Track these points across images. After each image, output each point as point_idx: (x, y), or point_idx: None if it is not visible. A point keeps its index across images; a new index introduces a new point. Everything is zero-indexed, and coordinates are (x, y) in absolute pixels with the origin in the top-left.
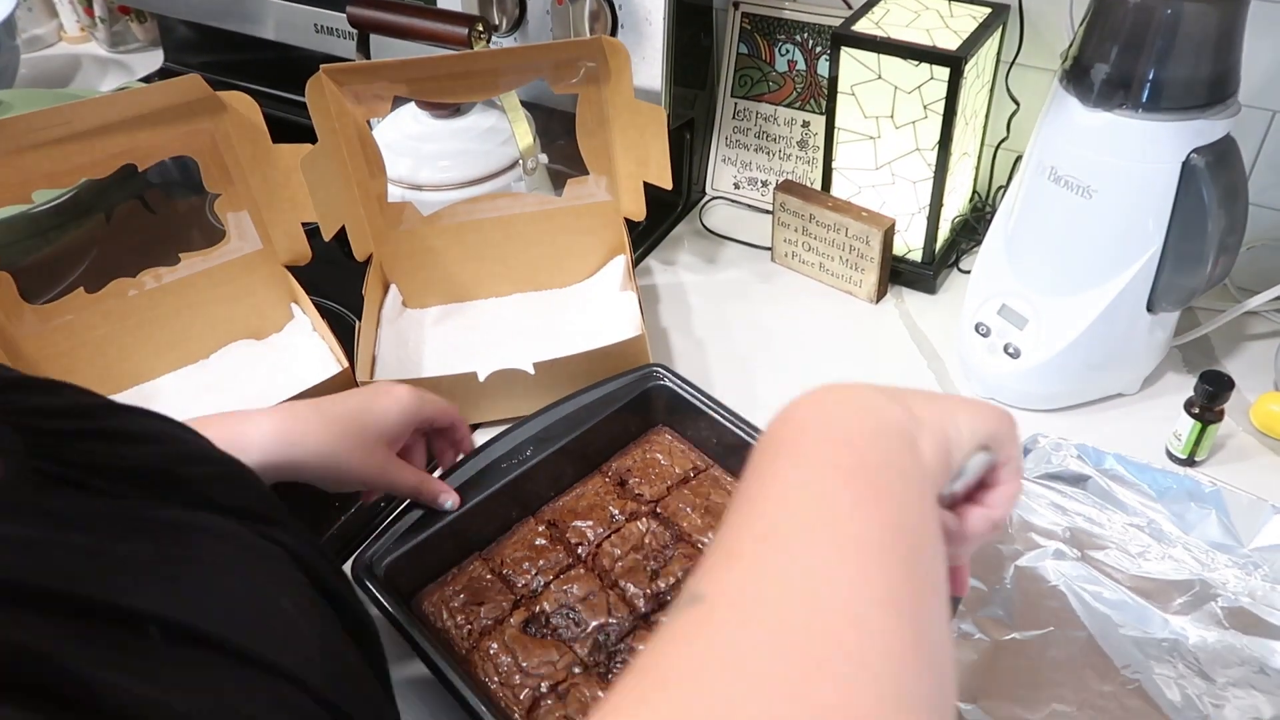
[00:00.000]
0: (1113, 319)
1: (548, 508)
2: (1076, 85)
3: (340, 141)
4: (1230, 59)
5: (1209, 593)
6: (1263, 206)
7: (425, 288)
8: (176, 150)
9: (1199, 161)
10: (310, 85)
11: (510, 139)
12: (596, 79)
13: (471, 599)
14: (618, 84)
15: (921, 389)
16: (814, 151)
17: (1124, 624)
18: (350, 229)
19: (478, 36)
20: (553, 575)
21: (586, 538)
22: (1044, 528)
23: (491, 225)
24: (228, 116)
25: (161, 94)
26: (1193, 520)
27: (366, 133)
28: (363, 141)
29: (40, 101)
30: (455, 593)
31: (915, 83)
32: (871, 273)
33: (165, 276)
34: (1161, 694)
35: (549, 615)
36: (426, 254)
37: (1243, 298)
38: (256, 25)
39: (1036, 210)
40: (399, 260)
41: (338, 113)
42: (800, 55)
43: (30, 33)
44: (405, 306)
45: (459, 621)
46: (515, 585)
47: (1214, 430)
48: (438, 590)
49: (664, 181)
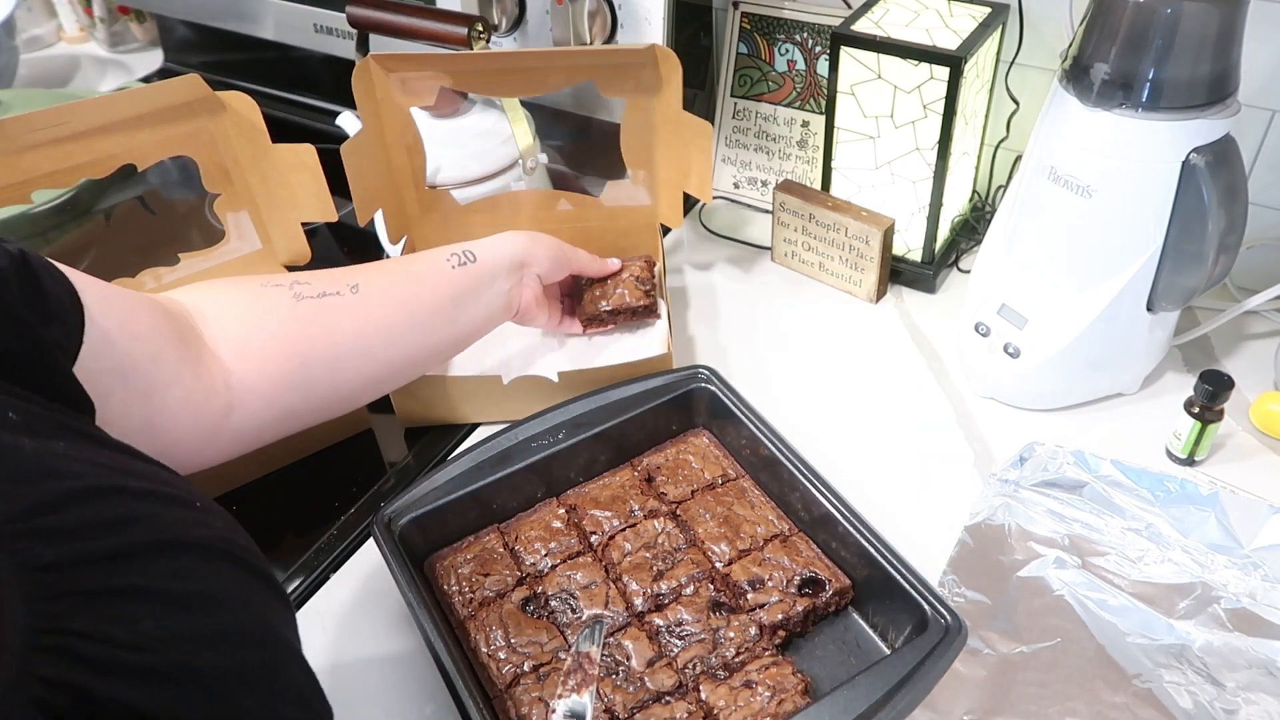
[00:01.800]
0: (1112, 318)
1: (572, 492)
2: (1076, 85)
3: (382, 128)
4: (1230, 58)
5: (1210, 595)
6: (1262, 206)
7: None
8: (176, 150)
9: (1199, 161)
10: (357, 71)
11: (510, 139)
12: (646, 87)
13: (479, 568)
14: (667, 93)
15: None
16: (814, 151)
17: (1130, 631)
18: (387, 213)
19: (477, 36)
20: (561, 559)
21: (602, 528)
22: (1044, 536)
23: (528, 220)
24: (227, 116)
25: (161, 94)
26: (1192, 523)
27: (410, 120)
28: (405, 128)
29: (39, 102)
30: (466, 560)
31: (915, 82)
32: (871, 272)
33: (165, 277)
34: (1174, 702)
35: (549, 597)
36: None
37: (1243, 297)
38: (256, 25)
39: (1036, 210)
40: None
41: (383, 99)
42: (800, 55)
43: (29, 33)
44: None
45: (463, 588)
46: (524, 562)
47: (1214, 430)
48: (450, 554)
49: (705, 195)
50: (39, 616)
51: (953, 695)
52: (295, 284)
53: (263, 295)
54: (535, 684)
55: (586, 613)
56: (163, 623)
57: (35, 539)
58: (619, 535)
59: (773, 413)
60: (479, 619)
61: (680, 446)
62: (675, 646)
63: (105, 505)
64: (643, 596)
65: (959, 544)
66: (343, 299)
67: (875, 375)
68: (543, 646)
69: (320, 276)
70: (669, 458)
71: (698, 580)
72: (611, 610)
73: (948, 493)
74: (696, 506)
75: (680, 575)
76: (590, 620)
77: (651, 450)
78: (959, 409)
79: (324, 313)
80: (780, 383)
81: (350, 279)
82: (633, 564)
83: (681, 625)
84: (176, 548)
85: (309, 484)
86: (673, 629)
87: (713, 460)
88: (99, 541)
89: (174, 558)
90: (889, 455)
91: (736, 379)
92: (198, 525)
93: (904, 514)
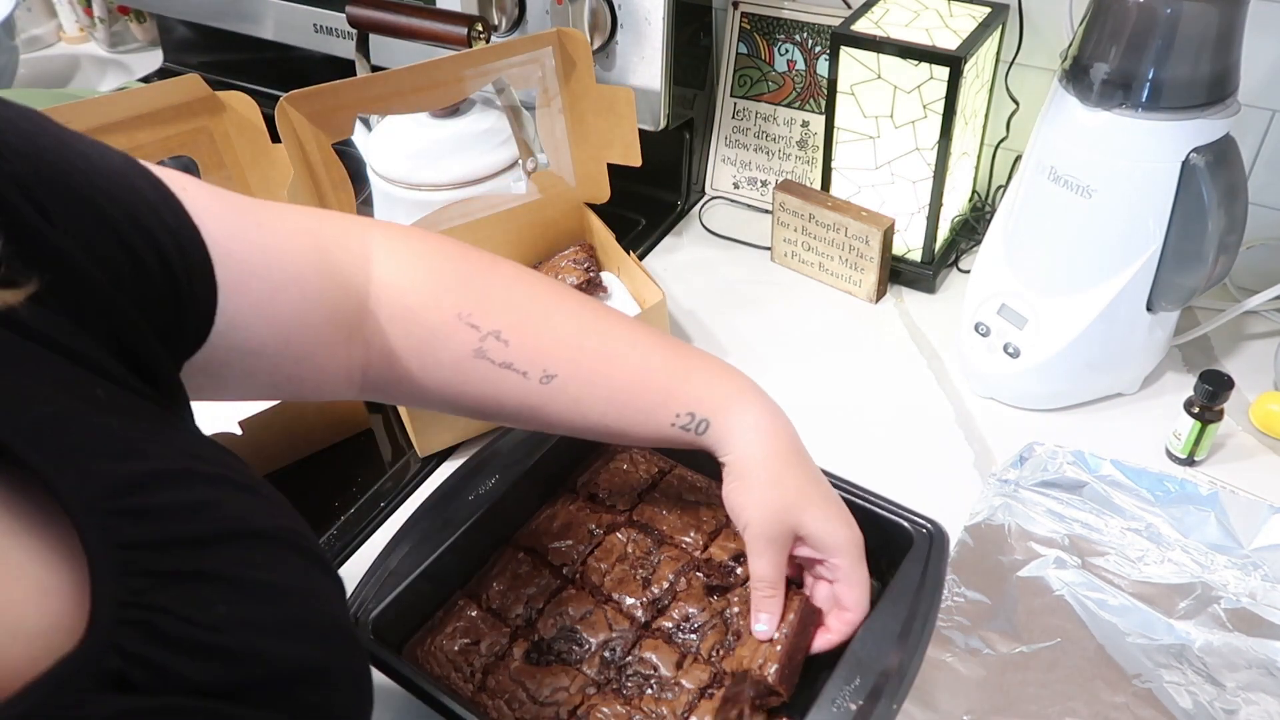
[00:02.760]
0: (1112, 318)
1: (521, 533)
2: (1076, 85)
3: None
4: (1230, 58)
5: (1210, 595)
6: (1262, 206)
7: None
8: (175, 150)
9: (1199, 161)
10: (278, 115)
11: (509, 139)
12: (557, 72)
13: (467, 640)
14: (578, 73)
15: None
16: (813, 151)
17: (1130, 632)
18: None
19: (477, 36)
20: (544, 600)
21: (569, 557)
22: (1043, 536)
23: (463, 230)
24: (226, 116)
25: (160, 94)
26: (1191, 523)
27: (332, 156)
28: (331, 166)
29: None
30: (448, 636)
31: (915, 82)
32: (871, 272)
33: None
34: (1174, 702)
35: (549, 641)
36: None
37: (1242, 297)
38: (256, 25)
39: (1036, 210)
40: None
41: (304, 139)
42: (800, 55)
43: (29, 33)
44: None
45: (459, 665)
46: (508, 617)
47: (1214, 430)
48: (429, 638)
49: (633, 160)
50: (127, 591)
51: (953, 695)
52: (493, 338)
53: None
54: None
55: (594, 642)
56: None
57: (124, 517)
58: (590, 559)
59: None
60: (490, 688)
61: (606, 458)
62: (693, 642)
63: (182, 489)
64: (641, 606)
65: (959, 544)
66: (525, 383)
67: (875, 375)
68: (569, 690)
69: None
70: (601, 471)
71: (684, 573)
72: (617, 630)
73: (947, 493)
74: (649, 507)
75: (667, 574)
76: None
77: (580, 470)
78: (959, 409)
79: (493, 384)
80: (780, 382)
81: (551, 365)
82: (616, 580)
83: (689, 619)
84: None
85: (309, 484)
86: (683, 626)
87: (642, 461)
88: (179, 524)
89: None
90: (888, 455)
91: None
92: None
93: None
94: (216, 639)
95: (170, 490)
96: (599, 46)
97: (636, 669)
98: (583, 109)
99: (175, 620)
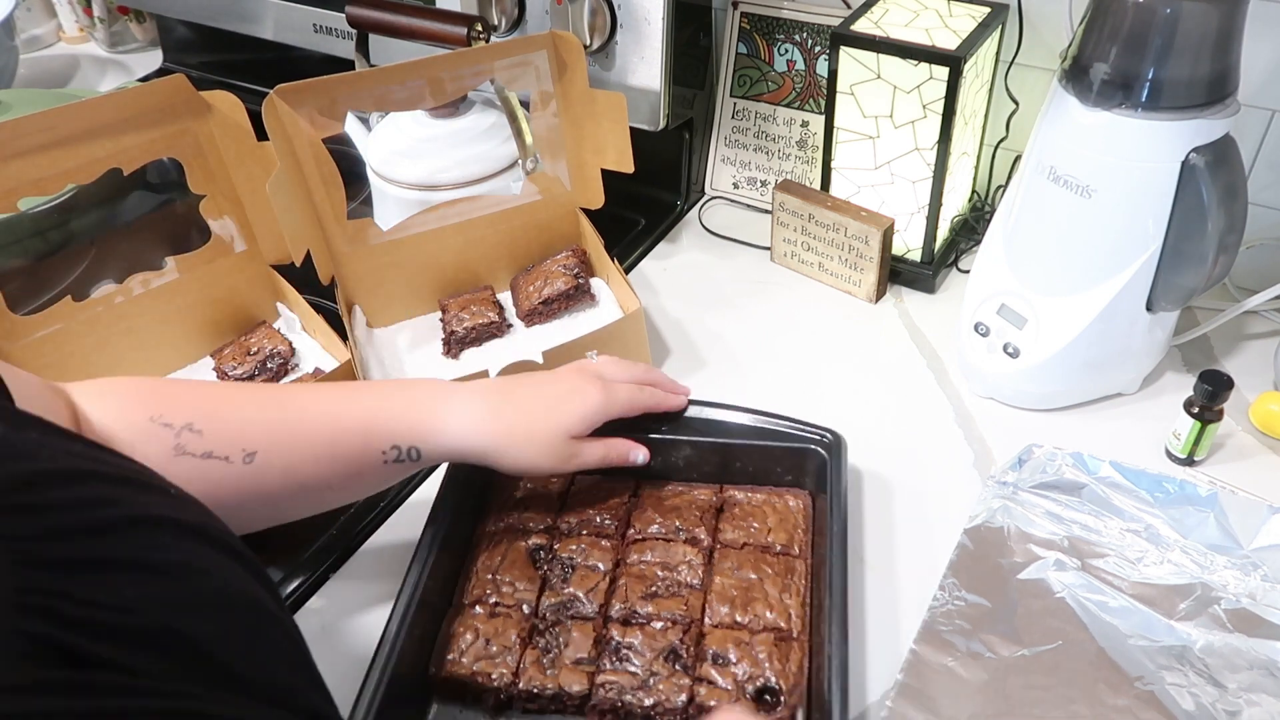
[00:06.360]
0: (1112, 318)
1: (649, 483)
2: (1076, 85)
3: (298, 164)
4: (1229, 58)
5: (1210, 596)
6: (1262, 206)
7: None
8: (161, 152)
9: (1198, 161)
10: (265, 109)
11: (509, 139)
12: (550, 74)
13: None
14: (572, 76)
15: None
16: (813, 151)
17: (1131, 633)
18: (315, 251)
19: (477, 36)
20: (590, 530)
21: (646, 528)
22: (1043, 538)
23: (452, 231)
24: (212, 116)
25: (145, 95)
26: (1191, 524)
27: (323, 152)
28: (321, 161)
29: (39, 102)
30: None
31: (914, 82)
32: (871, 272)
33: (153, 281)
34: (1176, 704)
35: (555, 555)
36: (387, 270)
37: (1242, 297)
38: (255, 25)
39: (1036, 210)
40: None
41: (294, 134)
42: (799, 55)
43: (29, 33)
44: (370, 327)
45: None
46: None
47: (1213, 430)
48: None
49: (625, 166)
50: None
51: (955, 699)
52: (187, 431)
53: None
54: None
55: (565, 590)
56: (144, 589)
57: (11, 513)
58: (649, 541)
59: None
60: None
61: (770, 497)
62: (607, 665)
63: (80, 487)
64: (620, 604)
65: (958, 547)
66: (230, 467)
67: (874, 375)
68: (515, 588)
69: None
70: (751, 501)
71: (672, 622)
72: (588, 599)
73: (947, 493)
74: (734, 558)
75: (661, 612)
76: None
77: (746, 486)
78: (958, 409)
79: (202, 477)
80: (779, 382)
81: (249, 443)
82: (638, 573)
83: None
84: (153, 523)
85: None
86: (620, 649)
87: (788, 527)
88: (75, 516)
89: (151, 533)
90: (888, 455)
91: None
92: (174, 508)
93: (903, 515)
94: (127, 620)
95: (64, 489)
96: (599, 46)
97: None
98: (577, 113)
99: (78, 605)
